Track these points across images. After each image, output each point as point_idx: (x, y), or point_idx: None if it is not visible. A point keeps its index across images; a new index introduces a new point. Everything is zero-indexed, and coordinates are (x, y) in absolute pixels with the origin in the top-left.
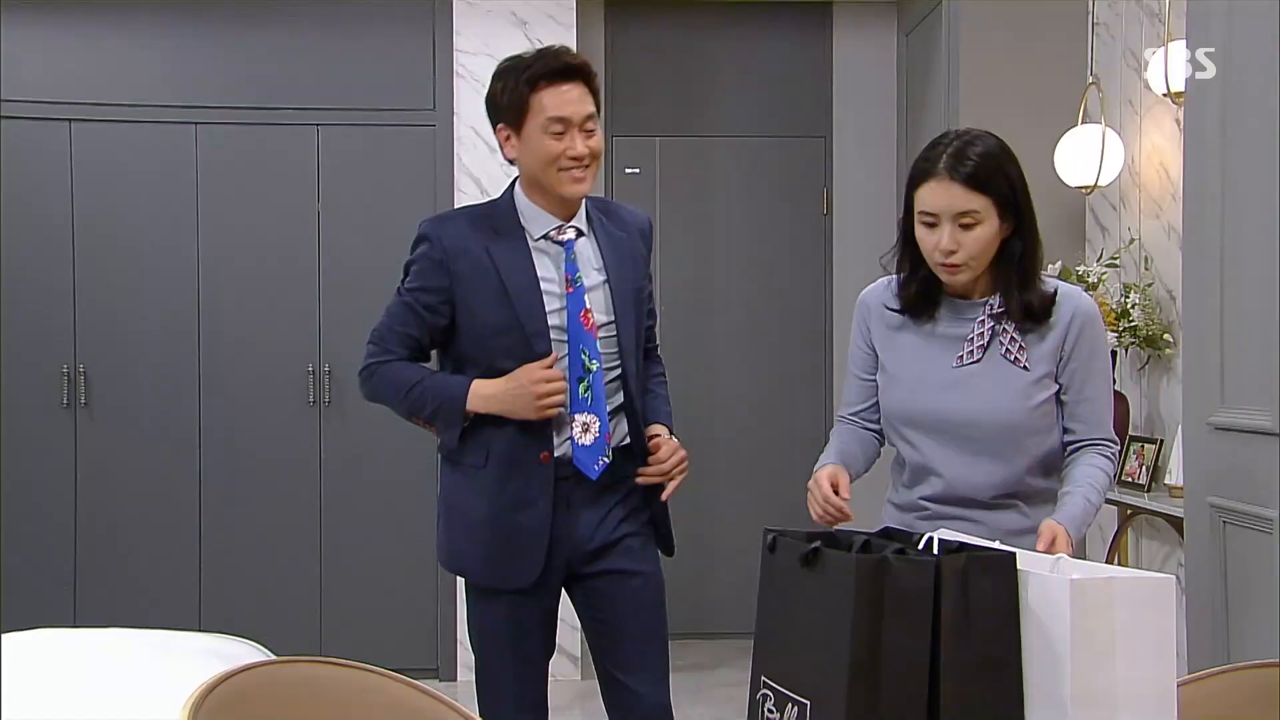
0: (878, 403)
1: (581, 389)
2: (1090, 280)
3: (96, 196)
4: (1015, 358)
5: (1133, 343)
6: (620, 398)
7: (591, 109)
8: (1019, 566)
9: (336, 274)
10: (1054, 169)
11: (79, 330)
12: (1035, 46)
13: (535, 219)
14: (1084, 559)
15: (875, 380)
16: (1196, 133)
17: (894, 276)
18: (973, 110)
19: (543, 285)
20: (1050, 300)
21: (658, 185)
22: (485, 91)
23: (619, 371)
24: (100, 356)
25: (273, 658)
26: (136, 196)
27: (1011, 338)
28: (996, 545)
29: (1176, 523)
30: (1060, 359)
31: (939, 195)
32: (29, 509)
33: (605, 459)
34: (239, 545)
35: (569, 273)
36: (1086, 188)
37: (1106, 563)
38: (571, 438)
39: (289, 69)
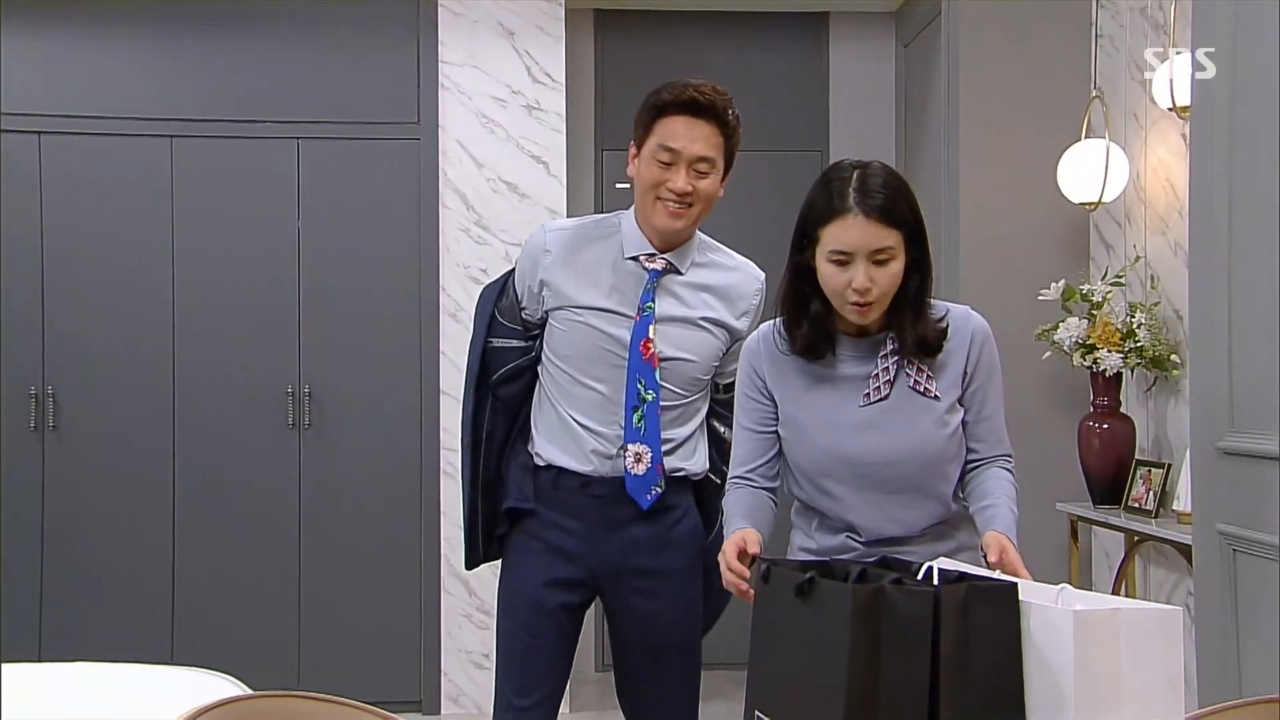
0: (773, 459)
1: (636, 418)
2: (1095, 299)
3: (67, 212)
4: (925, 389)
5: (1139, 364)
6: (688, 428)
7: (708, 152)
8: (1021, 597)
9: (317, 292)
10: (1057, 185)
11: (47, 351)
12: (1037, 58)
13: (632, 238)
14: (1089, 588)
15: (771, 433)
16: (1203, 141)
17: (777, 320)
18: (973, 124)
19: (617, 300)
20: (942, 332)
21: None
22: (471, 104)
23: (687, 401)
24: (70, 378)
25: (249, 692)
26: (109, 212)
27: (919, 368)
28: (996, 575)
29: (1186, 550)
30: (965, 381)
31: (852, 233)
32: None
33: (658, 489)
34: (214, 574)
35: (642, 300)
36: (1090, 204)
37: (1113, 591)
38: (625, 467)
39: (269, 80)
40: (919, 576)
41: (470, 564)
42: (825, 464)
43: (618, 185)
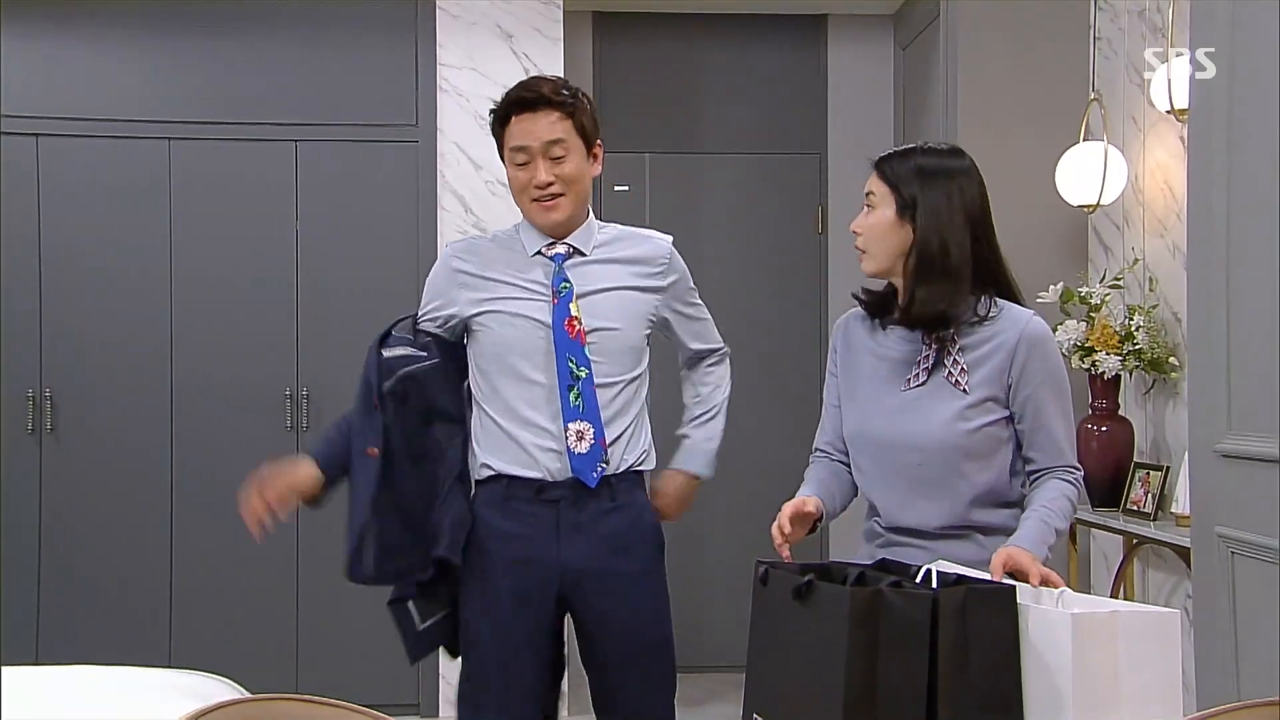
0: None
1: (572, 396)
2: (1093, 302)
3: (65, 214)
4: (956, 380)
5: (1137, 366)
6: (628, 417)
7: (556, 134)
8: (1020, 600)
9: (316, 295)
10: (1055, 187)
11: (45, 353)
12: (1036, 60)
13: (531, 237)
14: (1088, 591)
15: None
16: (1201, 142)
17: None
18: (971, 126)
19: (537, 290)
20: (937, 313)
21: (647, 203)
22: (470, 106)
23: (623, 380)
24: (68, 381)
25: (247, 695)
26: (107, 214)
27: (954, 360)
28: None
29: (1184, 553)
30: (1008, 385)
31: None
32: None
33: (603, 465)
34: (211, 577)
35: (554, 283)
36: (1089, 206)
37: (1112, 594)
38: (568, 447)
39: (267, 82)
40: (918, 579)
41: (362, 575)
42: (858, 437)
43: (616, 188)
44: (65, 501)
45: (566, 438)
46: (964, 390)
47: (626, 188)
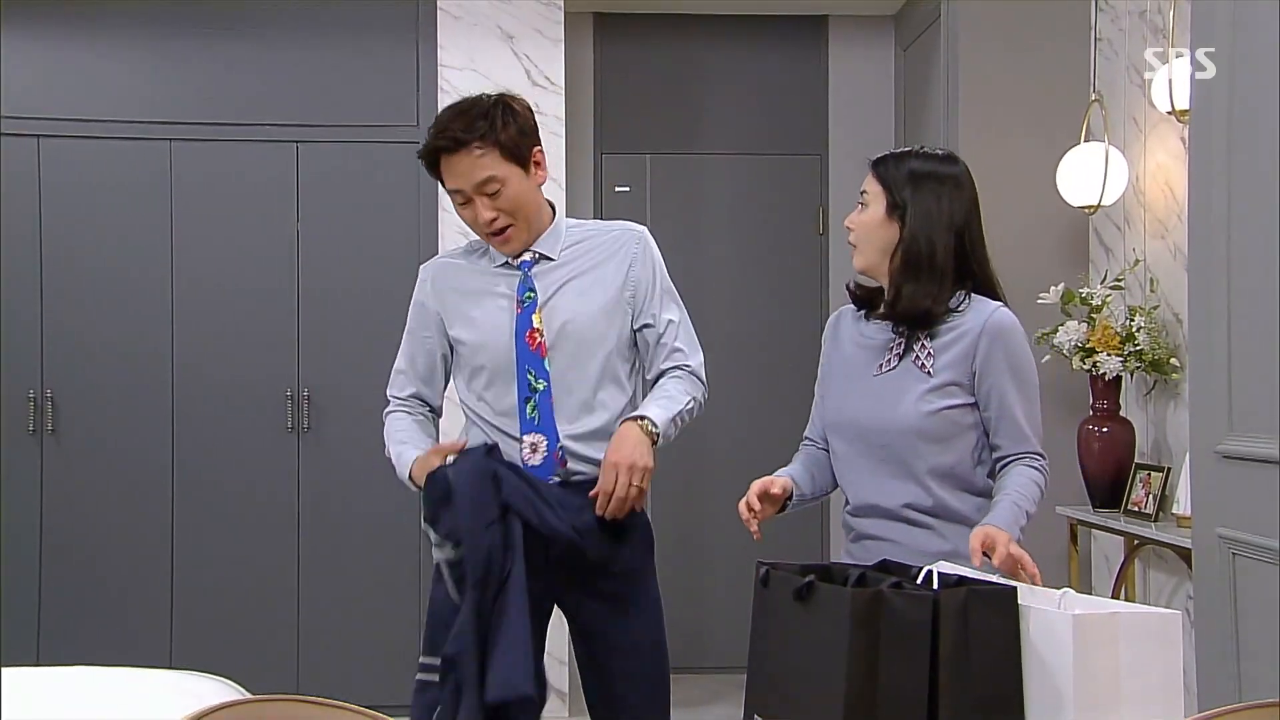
0: None
1: (529, 409)
2: (1094, 303)
3: (66, 215)
4: (922, 364)
5: (1138, 367)
6: (598, 417)
7: (483, 173)
8: (1021, 601)
9: (316, 296)
10: (1056, 188)
11: (46, 354)
12: (1036, 61)
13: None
14: (1089, 592)
15: None
16: (1202, 143)
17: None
18: (972, 127)
19: (500, 303)
20: (923, 310)
21: (648, 204)
22: None
23: (594, 382)
24: (69, 381)
25: (248, 696)
26: (108, 215)
27: (923, 345)
28: (998, 579)
29: (1185, 554)
30: (972, 373)
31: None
32: None
33: (555, 479)
34: (213, 578)
35: (518, 293)
36: (1090, 207)
37: (1113, 595)
38: (522, 459)
39: (268, 83)
40: (919, 580)
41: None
42: (832, 420)
43: (617, 189)
44: (65, 502)
45: (522, 450)
46: (928, 373)
47: (627, 188)
